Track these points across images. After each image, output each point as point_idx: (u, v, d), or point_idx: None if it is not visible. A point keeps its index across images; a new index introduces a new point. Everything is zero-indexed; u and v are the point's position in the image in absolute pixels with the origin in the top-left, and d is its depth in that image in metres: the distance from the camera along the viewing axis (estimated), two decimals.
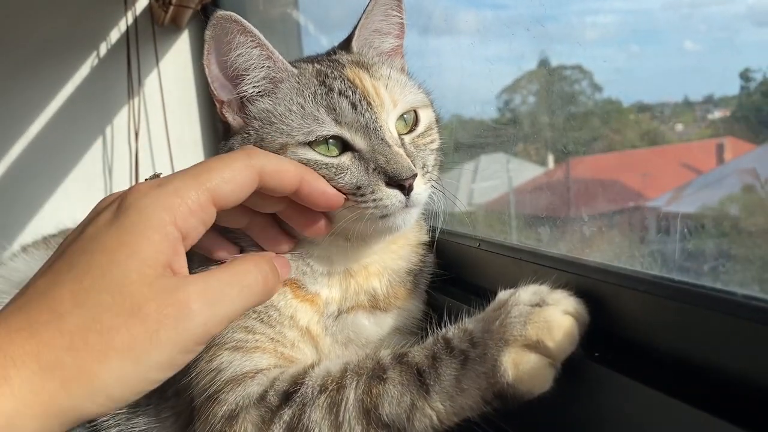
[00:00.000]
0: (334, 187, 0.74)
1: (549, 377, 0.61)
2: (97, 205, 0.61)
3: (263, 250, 0.76)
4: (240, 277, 0.59)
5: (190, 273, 0.58)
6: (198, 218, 0.58)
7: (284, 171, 0.65)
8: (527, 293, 0.66)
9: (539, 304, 0.64)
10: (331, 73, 0.81)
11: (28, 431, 0.48)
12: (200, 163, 0.61)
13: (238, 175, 0.60)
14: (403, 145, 0.79)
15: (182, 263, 0.57)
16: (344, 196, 0.73)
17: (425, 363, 0.66)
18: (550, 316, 0.62)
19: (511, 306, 0.65)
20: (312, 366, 0.73)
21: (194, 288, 0.54)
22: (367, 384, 0.67)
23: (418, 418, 0.64)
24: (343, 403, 0.67)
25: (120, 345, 0.51)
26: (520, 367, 0.61)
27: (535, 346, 0.61)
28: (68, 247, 0.57)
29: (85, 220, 0.59)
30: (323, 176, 0.74)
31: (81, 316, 0.51)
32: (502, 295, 0.69)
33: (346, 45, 0.89)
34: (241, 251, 0.77)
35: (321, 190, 0.69)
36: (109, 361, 0.50)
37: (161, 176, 0.63)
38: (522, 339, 0.62)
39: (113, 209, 0.57)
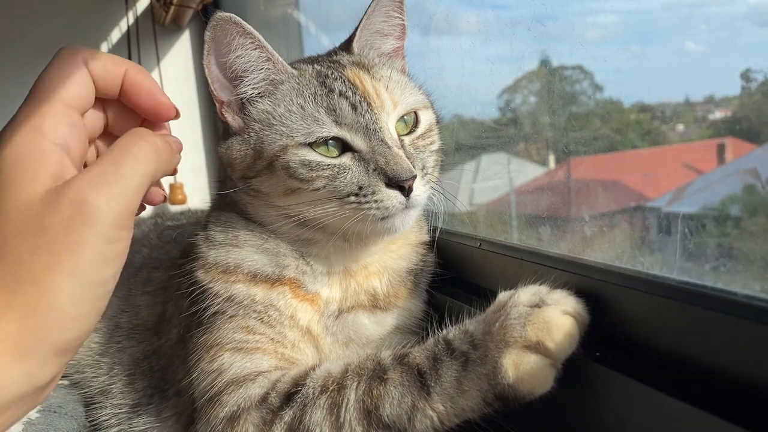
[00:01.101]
0: (335, 188, 0.74)
1: (550, 378, 0.61)
2: None
3: None
4: (125, 149, 0.56)
5: None
6: (66, 127, 0.56)
7: (108, 58, 0.61)
8: (526, 294, 0.67)
9: (538, 305, 0.64)
10: (332, 74, 0.81)
11: (11, 380, 0.48)
12: (36, 84, 0.59)
13: (73, 72, 0.58)
14: (403, 146, 0.79)
15: (74, 171, 0.55)
16: (175, 108, 0.67)
17: (426, 364, 0.66)
18: (549, 317, 0.62)
19: (510, 307, 0.65)
20: (313, 367, 0.73)
21: (83, 181, 0.53)
22: (368, 385, 0.67)
23: (419, 419, 0.65)
24: (344, 404, 0.67)
25: (45, 266, 0.50)
26: (521, 368, 0.61)
27: (536, 347, 0.61)
28: None
29: None
30: (325, 176, 0.74)
31: (3, 258, 0.50)
32: (502, 296, 0.69)
33: (346, 46, 0.89)
34: None
35: (147, 86, 0.63)
36: (45, 283, 0.49)
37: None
38: (522, 340, 0.62)
39: None
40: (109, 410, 0.92)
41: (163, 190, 0.65)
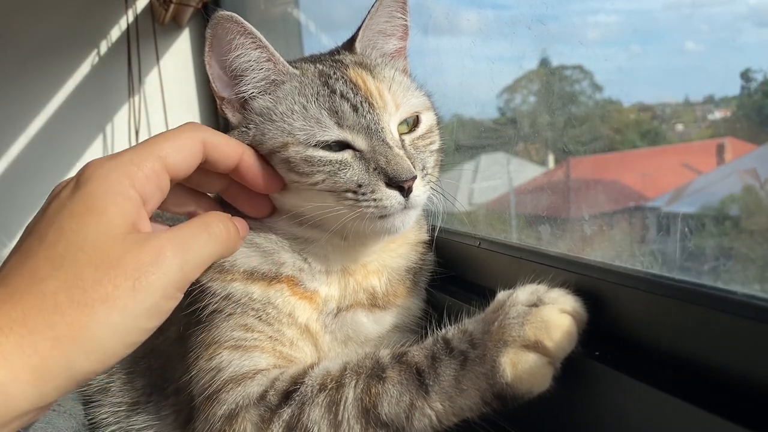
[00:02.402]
0: (334, 183, 0.75)
1: (548, 376, 0.61)
2: (53, 190, 0.62)
3: None
4: (206, 226, 0.63)
5: None
6: (154, 185, 0.61)
7: (224, 143, 0.69)
8: (525, 293, 0.67)
9: (536, 304, 0.64)
10: (334, 73, 0.81)
11: (25, 396, 0.48)
12: (151, 137, 0.64)
13: (186, 143, 0.64)
14: (403, 146, 0.79)
15: (147, 226, 0.60)
16: (281, 181, 0.77)
17: (425, 363, 0.66)
18: (547, 316, 0.62)
19: (509, 307, 0.65)
20: (312, 365, 0.73)
21: (165, 237, 0.57)
22: (366, 383, 0.67)
23: (417, 418, 0.65)
24: (342, 402, 0.67)
25: (105, 296, 0.52)
26: (519, 366, 0.61)
27: (534, 346, 0.61)
28: (34, 226, 0.58)
29: (45, 203, 0.61)
30: (326, 171, 0.75)
31: (61, 277, 0.52)
32: (501, 295, 0.69)
33: (349, 45, 0.88)
34: None
35: (258, 169, 0.74)
36: (97, 313, 0.51)
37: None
38: (520, 339, 0.62)
39: (71, 185, 0.59)
40: (107, 408, 0.92)
41: None
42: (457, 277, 0.92)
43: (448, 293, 0.88)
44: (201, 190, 0.75)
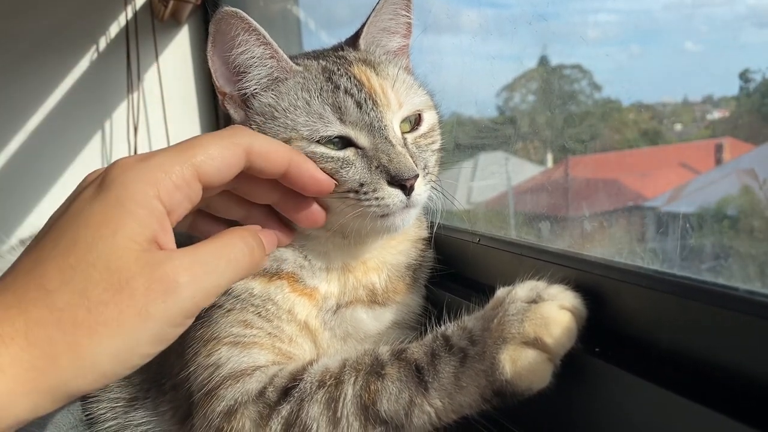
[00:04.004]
0: (337, 182, 0.74)
1: (547, 373, 0.61)
2: (82, 180, 0.60)
3: None
4: (227, 249, 0.58)
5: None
6: (183, 194, 0.57)
7: (273, 150, 0.63)
8: (524, 290, 0.67)
9: (536, 300, 0.64)
10: (338, 70, 0.81)
11: (19, 408, 0.48)
12: (187, 139, 0.60)
13: (225, 151, 0.59)
14: (405, 144, 0.79)
15: (169, 239, 0.56)
16: (334, 181, 0.72)
17: (424, 360, 0.66)
18: (546, 312, 0.62)
19: (508, 304, 0.65)
20: (311, 362, 0.73)
21: (181, 261, 0.54)
22: (366, 380, 0.67)
23: (416, 415, 0.65)
24: (342, 399, 0.67)
25: (109, 320, 0.50)
26: (518, 363, 0.61)
27: (533, 343, 0.61)
28: (54, 222, 0.56)
29: (70, 195, 0.59)
30: (328, 169, 0.74)
31: (69, 293, 0.50)
32: (500, 292, 0.69)
33: (353, 42, 0.88)
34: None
35: (310, 172, 0.67)
36: (99, 336, 0.50)
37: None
38: (520, 336, 0.62)
39: (96, 184, 0.56)
40: (105, 404, 0.92)
41: None
42: (456, 273, 0.92)
43: (447, 290, 0.88)
44: (251, 200, 0.70)
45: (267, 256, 0.64)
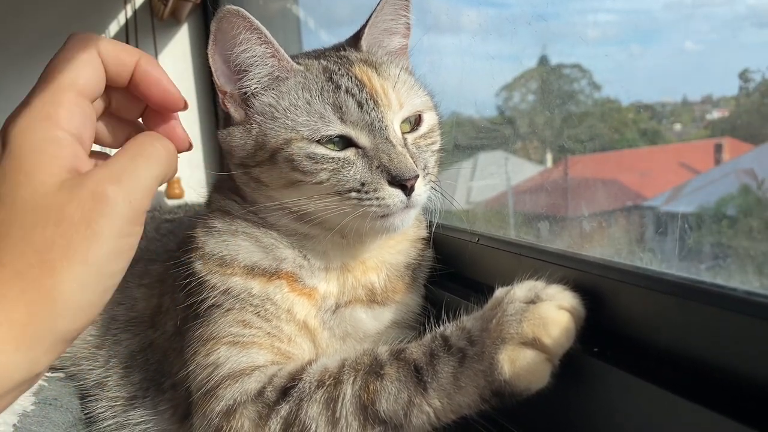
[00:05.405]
0: (338, 182, 0.75)
1: (546, 373, 0.62)
2: None
3: None
4: (140, 149, 0.58)
5: None
6: (79, 116, 0.56)
7: (122, 49, 0.61)
8: (522, 290, 0.67)
9: (534, 301, 0.64)
10: (339, 70, 0.81)
11: (13, 367, 0.48)
12: (47, 69, 0.59)
13: (85, 59, 0.58)
14: (406, 145, 0.79)
15: (88, 164, 0.56)
16: (184, 100, 0.66)
17: (423, 360, 0.66)
18: (545, 313, 0.62)
19: (507, 304, 0.65)
20: (310, 362, 0.73)
21: (102, 174, 0.54)
22: (365, 380, 0.67)
23: (415, 415, 0.65)
24: (340, 399, 0.67)
25: (62, 253, 0.50)
26: (517, 363, 0.61)
27: (532, 343, 0.62)
28: None
29: None
30: (330, 170, 0.75)
31: (13, 245, 0.50)
32: (499, 292, 0.69)
33: (354, 42, 0.88)
34: None
35: (157, 76, 0.62)
36: (59, 272, 0.50)
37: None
38: (518, 336, 0.62)
39: None
40: (104, 403, 0.92)
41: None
42: (455, 273, 0.92)
43: (446, 289, 0.88)
44: (127, 117, 0.66)
45: (177, 155, 0.63)
